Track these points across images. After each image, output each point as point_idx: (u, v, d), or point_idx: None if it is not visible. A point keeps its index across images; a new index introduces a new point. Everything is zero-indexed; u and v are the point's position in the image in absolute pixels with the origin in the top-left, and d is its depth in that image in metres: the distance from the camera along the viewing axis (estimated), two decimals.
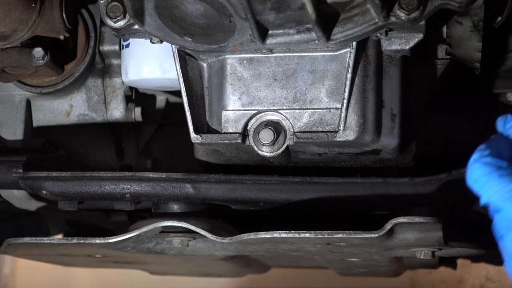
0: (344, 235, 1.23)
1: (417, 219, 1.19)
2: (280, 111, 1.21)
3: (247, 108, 1.22)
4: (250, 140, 1.21)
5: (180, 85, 1.24)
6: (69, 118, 1.52)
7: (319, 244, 1.33)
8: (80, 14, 1.46)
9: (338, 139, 1.19)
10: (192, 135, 1.23)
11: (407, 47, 1.23)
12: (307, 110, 1.20)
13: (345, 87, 1.18)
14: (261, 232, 1.25)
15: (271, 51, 1.19)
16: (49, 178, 1.30)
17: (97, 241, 1.34)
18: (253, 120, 1.22)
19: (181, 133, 1.38)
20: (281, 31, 1.14)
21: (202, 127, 1.25)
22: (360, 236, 1.22)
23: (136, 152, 1.58)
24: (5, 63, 1.36)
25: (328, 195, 1.27)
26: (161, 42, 1.21)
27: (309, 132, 1.20)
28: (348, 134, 1.19)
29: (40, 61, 1.35)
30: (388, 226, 1.21)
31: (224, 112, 1.22)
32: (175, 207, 1.36)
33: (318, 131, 1.20)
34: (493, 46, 1.39)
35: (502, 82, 1.45)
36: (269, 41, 1.15)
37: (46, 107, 1.52)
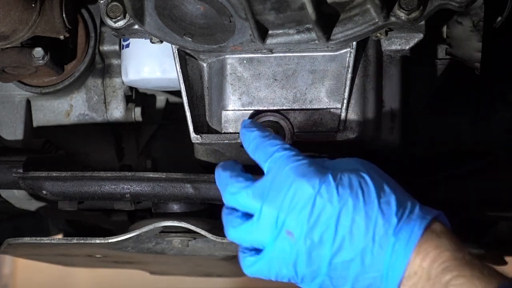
0: None
1: None
2: (280, 111, 1.21)
3: (247, 108, 1.22)
4: None
5: (180, 85, 1.24)
6: (69, 118, 1.52)
7: None
8: (80, 14, 1.45)
9: (338, 139, 1.19)
10: (192, 135, 1.23)
11: (407, 47, 1.23)
12: (307, 110, 1.20)
13: (345, 87, 1.18)
14: None
15: (271, 51, 1.19)
16: (49, 178, 1.30)
17: (97, 241, 1.33)
18: None
19: (181, 133, 1.38)
20: (281, 31, 1.14)
21: (202, 127, 1.25)
22: None
23: (136, 152, 1.58)
24: (5, 63, 1.36)
25: None
26: (161, 42, 1.21)
27: (309, 132, 1.20)
28: (348, 134, 1.19)
29: (40, 61, 1.35)
30: None
31: (224, 112, 1.22)
32: (175, 207, 1.36)
33: (318, 131, 1.20)
34: (493, 46, 1.39)
35: (502, 82, 1.45)
36: (269, 41, 1.15)
37: (46, 107, 1.52)
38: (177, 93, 1.44)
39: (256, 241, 1.06)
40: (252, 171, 1.30)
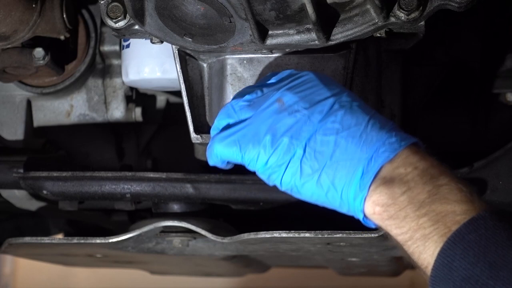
0: (344, 235, 1.23)
1: None
2: None
3: None
4: None
5: (180, 85, 1.24)
6: (69, 118, 1.52)
7: (319, 244, 1.33)
8: (81, 14, 1.46)
9: None
10: (192, 135, 1.23)
11: (407, 47, 1.23)
12: None
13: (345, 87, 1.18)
14: (261, 232, 1.25)
15: (271, 51, 1.19)
16: (49, 178, 1.31)
17: (98, 241, 1.34)
18: None
19: (181, 133, 1.38)
20: (281, 31, 1.14)
21: (202, 127, 1.25)
22: (360, 236, 1.23)
23: (136, 152, 1.58)
24: (6, 64, 1.36)
25: None
26: (162, 42, 1.21)
27: None
28: None
29: (41, 61, 1.35)
30: None
31: None
32: (176, 207, 1.36)
33: None
34: (493, 46, 1.39)
35: (502, 82, 1.45)
36: (269, 41, 1.15)
37: (46, 107, 1.52)
38: (177, 93, 1.44)
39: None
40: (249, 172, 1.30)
